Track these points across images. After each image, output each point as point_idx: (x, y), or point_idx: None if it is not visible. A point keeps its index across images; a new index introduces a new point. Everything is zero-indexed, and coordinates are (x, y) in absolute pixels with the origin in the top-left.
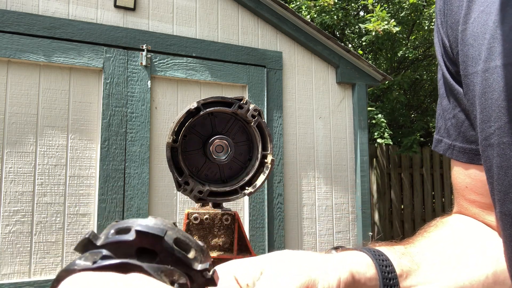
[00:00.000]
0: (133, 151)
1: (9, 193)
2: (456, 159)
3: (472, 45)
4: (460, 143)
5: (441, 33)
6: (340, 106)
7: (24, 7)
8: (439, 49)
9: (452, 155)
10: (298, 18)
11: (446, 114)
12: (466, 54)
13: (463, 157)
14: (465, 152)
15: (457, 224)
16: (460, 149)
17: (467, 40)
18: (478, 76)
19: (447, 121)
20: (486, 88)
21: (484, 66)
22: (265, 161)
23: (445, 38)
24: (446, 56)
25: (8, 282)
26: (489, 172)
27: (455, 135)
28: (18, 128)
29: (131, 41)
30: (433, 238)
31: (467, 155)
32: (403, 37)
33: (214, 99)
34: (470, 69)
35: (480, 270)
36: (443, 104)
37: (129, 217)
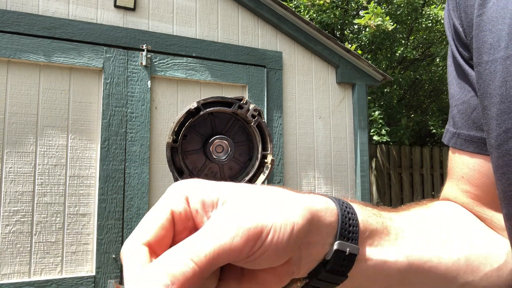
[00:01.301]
0: (133, 151)
1: (9, 193)
2: (460, 148)
3: (490, 31)
4: (467, 131)
5: (453, 18)
6: (340, 106)
7: (24, 7)
8: (450, 34)
9: (456, 144)
10: (298, 18)
11: (453, 101)
12: (482, 41)
13: (469, 146)
14: (472, 141)
15: (445, 209)
16: (466, 138)
17: (484, 25)
18: (498, 64)
19: (453, 108)
20: (508, 76)
21: (505, 53)
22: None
23: (458, 23)
24: (459, 41)
25: (8, 282)
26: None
27: (461, 122)
28: (18, 128)
29: (131, 41)
30: (418, 215)
31: (475, 144)
32: (402, 37)
33: (214, 99)
34: (485, 57)
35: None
36: (451, 91)
37: (129, 217)
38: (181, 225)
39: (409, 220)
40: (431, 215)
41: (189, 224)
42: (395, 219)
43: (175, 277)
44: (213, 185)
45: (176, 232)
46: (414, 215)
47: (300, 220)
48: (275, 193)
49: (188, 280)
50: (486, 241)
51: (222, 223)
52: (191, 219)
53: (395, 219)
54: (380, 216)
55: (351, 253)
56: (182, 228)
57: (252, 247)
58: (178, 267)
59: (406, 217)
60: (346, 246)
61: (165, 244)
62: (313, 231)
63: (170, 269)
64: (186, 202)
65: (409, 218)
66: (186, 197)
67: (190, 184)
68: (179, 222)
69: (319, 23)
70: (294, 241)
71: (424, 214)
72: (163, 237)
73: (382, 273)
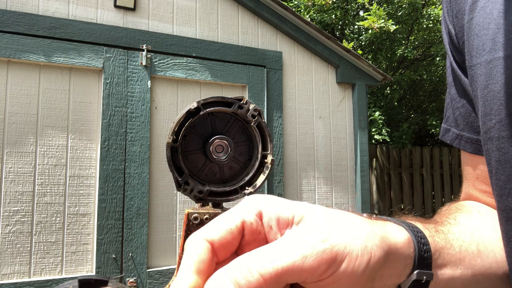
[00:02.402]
0: (133, 151)
1: (9, 193)
2: (463, 149)
3: (477, 35)
4: (467, 133)
5: (447, 22)
6: (340, 106)
7: (24, 7)
8: (446, 37)
9: (459, 145)
10: (298, 18)
11: (455, 103)
12: (471, 45)
13: (470, 148)
14: (472, 142)
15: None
16: (467, 140)
17: (473, 30)
18: (482, 67)
19: (455, 110)
20: (489, 80)
21: (488, 57)
22: (265, 161)
23: (451, 27)
24: (452, 45)
25: (8, 282)
26: (489, 166)
27: (463, 124)
28: (18, 128)
29: (131, 41)
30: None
31: (474, 145)
32: (402, 37)
33: (214, 99)
34: (474, 60)
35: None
36: (451, 92)
37: (129, 217)
38: (250, 236)
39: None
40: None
41: (259, 237)
42: (454, 232)
43: (239, 286)
44: (289, 202)
45: (245, 242)
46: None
47: (378, 252)
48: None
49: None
50: None
51: (297, 241)
52: (262, 233)
53: (454, 233)
54: (441, 232)
55: (427, 280)
56: (251, 239)
57: (324, 271)
58: (244, 276)
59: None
60: (423, 274)
61: (228, 249)
62: (390, 264)
63: (236, 276)
64: (258, 216)
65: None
66: (259, 212)
67: (265, 199)
68: (249, 233)
69: (319, 23)
70: (369, 273)
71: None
72: (228, 242)
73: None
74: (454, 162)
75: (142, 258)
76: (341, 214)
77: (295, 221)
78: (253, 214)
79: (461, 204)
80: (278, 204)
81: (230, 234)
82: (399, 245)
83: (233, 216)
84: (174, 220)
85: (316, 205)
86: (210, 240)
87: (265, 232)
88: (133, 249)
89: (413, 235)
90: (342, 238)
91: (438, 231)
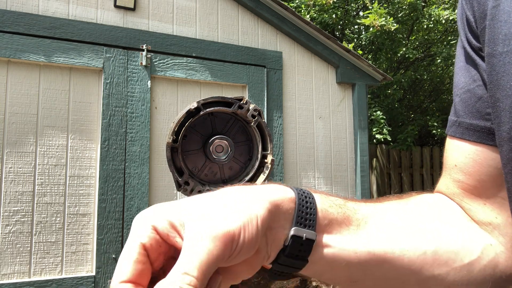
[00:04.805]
0: (133, 151)
1: (9, 193)
2: (460, 137)
3: (506, 21)
4: (470, 119)
5: (465, 8)
6: (340, 106)
7: (24, 7)
8: (462, 25)
9: (455, 132)
10: (298, 18)
11: (457, 90)
12: (497, 31)
13: (472, 135)
14: (475, 130)
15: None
16: (469, 126)
17: (500, 16)
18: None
19: (455, 98)
20: None
21: None
22: (265, 161)
23: (470, 13)
24: (470, 31)
25: (8, 282)
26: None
27: (463, 111)
28: (18, 128)
29: (131, 41)
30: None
31: (478, 133)
32: (403, 37)
33: (214, 99)
34: (500, 48)
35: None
36: (455, 80)
37: (129, 217)
38: (154, 252)
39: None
40: (405, 208)
41: (162, 249)
42: (360, 210)
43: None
44: (174, 206)
45: (152, 260)
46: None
47: (262, 211)
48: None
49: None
50: (461, 236)
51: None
52: (163, 245)
53: (360, 211)
54: (343, 207)
55: (308, 239)
56: (156, 255)
57: (230, 250)
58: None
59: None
60: (302, 232)
61: (146, 275)
62: (274, 219)
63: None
64: (154, 231)
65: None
66: (153, 227)
67: (153, 212)
68: (152, 251)
69: (320, 23)
70: (261, 231)
71: (397, 206)
72: (142, 270)
73: (343, 262)
74: None
75: None
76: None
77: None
78: (148, 233)
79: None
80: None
81: (139, 263)
82: (279, 202)
83: (133, 246)
84: None
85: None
86: (127, 279)
87: (166, 240)
88: None
89: (297, 196)
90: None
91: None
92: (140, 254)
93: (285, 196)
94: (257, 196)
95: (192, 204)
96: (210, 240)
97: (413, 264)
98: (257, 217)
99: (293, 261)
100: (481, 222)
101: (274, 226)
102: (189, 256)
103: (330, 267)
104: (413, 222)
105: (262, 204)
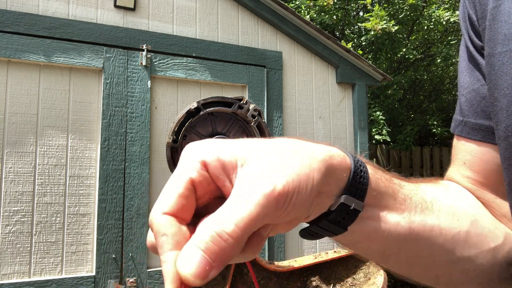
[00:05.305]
0: (133, 151)
1: (9, 193)
2: (467, 137)
3: (506, 22)
4: (474, 119)
5: (468, 7)
6: (340, 106)
7: (24, 7)
8: (464, 24)
9: (462, 132)
10: (298, 18)
11: (462, 90)
12: (497, 31)
13: (476, 135)
14: (480, 129)
15: (452, 186)
16: (474, 126)
17: (500, 16)
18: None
19: (461, 97)
20: None
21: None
22: None
23: (472, 12)
24: (473, 30)
25: (8, 282)
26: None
27: (469, 110)
28: (18, 128)
29: (131, 41)
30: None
31: (483, 132)
32: (403, 37)
33: (214, 99)
34: (499, 48)
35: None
36: (459, 80)
37: (129, 217)
38: (201, 190)
39: (419, 190)
40: (439, 190)
41: (210, 188)
42: (405, 186)
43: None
44: (229, 145)
45: (197, 196)
46: (423, 188)
47: (318, 175)
48: (293, 148)
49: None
50: (487, 220)
51: (250, 191)
52: (211, 183)
53: (405, 187)
54: (390, 181)
55: (355, 209)
56: (203, 192)
57: (281, 208)
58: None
59: (417, 187)
60: (352, 201)
61: (189, 210)
62: (327, 183)
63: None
64: (203, 167)
65: (420, 189)
66: (203, 162)
67: (205, 147)
68: (200, 187)
69: (320, 24)
70: (313, 195)
71: (433, 188)
72: (185, 205)
73: (382, 235)
74: None
75: (142, 258)
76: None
77: (239, 164)
78: (198, 169)
79: (438, 179)
80: (219, 150)
81: (184, 198)
82: (336, 166)
83: (180, 179)
84: None
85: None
86: (169, 211)
87: (214, 181)
88: (133, 249)
89: (353, 164)
90: (288, 174)
91: (387, 179)
92: (187, 188)
93: (343, 162)
94: (317, 156)
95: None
96: (262, 196)
97: (447, 243)
98: (313, 180)
99: (334, 227)
100: (495, 214)
101: (324, 190)
102: (235, 209)
103: (367, 238)
104: (448, 203)
105: (318, 166)
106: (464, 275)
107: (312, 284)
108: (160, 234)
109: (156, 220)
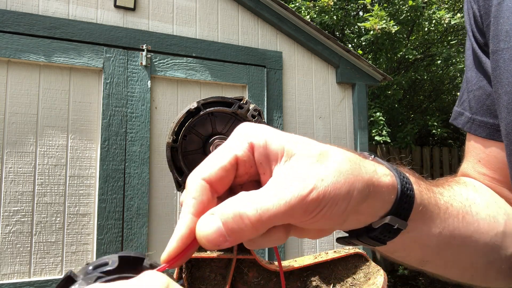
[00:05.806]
0: (133, 151)
1: (9, 193)
2: (474, 134)
3: (508, 18)
4: (481, 116)
5: (472, 5)
6: (340, 106)
7: (24, 7)
8: (468, 20)
9: (470, 129)
10: (298, 18)
11: (470, 86)
12: (500, 28)
13: (482, 132)
14: (485, 126)
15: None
16: (480, 123)
17: (503, 13)
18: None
19: (469, 93)
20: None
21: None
22: None
23: (476, 9)
24: (476, 27)
25: (8, 282)
26: None
27: (476, 108)
28: (18, 128)
29: (131, 41)
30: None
31: (488, 130)
32: (403, 37)
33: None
34: (502, 44)
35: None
36: (467, 75)
37: (129, 217)
38: (243, 169)
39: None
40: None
41: (251, 170)
42: (444, 193)
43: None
44: (279, 135)
45: (237, 174)
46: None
47: (358, 196)
48: (341, 159)
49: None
50: None
51: (283, 185)
52: (253, 166)
53: (445, 194)
54: (431, 191)
55: (398, 228)
56: (243, 172)
57: (309, 214)
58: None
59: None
60: (396, 221)
61: (225, 184)
62: (368, 204)
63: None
64: (250, 149)
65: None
66: (251, 145)
67: (257, 131)
68: (242, 166)
69: (319, 24)
70: (348, 212)
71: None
72: (224, 178)
73: (422, 245)
74: (454, 162)
75: None
76: (332, 153)
77: (283, 158)
78: (245, 149)
79: (459, 178)
80: (269, 137)
81: (224, 171)
82: (383, 189)
83: (226, 153)
84: (174, 220)
85: (305, 140)
86: (207, 178)
87: (257, 165)
88: (133, 249)
89: (399, 183)
90: (328, 182)
91: (428, 189)
92: (230, 163)
93: (390, 184)
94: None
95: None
96: (294, 196)
97: (485, 246)
98: (350, 198)
99: (374, 242)
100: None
101: (364, 211)
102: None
103: (407, 248)
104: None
105: (361, 187)
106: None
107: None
108: (190, 196)
109: (193, 182)
